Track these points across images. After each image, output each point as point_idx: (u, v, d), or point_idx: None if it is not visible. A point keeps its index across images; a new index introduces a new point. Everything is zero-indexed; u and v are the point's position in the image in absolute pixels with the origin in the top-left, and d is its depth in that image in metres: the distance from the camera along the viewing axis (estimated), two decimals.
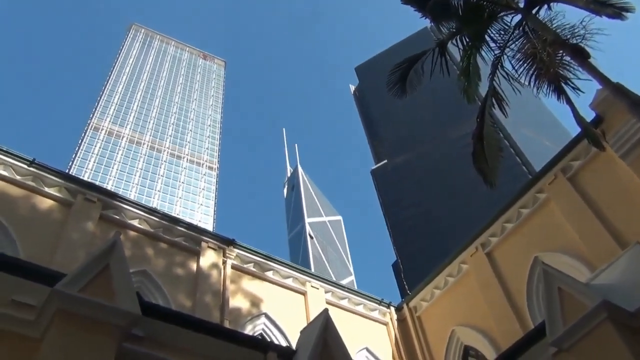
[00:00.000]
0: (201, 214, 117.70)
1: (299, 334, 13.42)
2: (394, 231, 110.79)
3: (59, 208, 13.36)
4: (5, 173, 12.96)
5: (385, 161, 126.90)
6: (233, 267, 15.26)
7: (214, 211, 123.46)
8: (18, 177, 13.08)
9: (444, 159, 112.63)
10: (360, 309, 17.39)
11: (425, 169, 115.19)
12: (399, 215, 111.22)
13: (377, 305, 17.82)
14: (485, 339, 15.14)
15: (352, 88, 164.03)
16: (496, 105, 12.53)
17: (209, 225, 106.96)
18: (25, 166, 13.19)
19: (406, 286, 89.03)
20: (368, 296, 17.90)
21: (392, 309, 18.01)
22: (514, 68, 12.35)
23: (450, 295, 16.89)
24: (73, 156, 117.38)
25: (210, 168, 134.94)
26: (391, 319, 17.74)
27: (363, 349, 16.07)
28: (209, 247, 15.14)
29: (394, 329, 17.54)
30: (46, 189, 13.39)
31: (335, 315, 9.25)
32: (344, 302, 17.16)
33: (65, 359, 5.94)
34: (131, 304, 6.52)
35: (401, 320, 17.82)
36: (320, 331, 8.16)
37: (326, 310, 8.72)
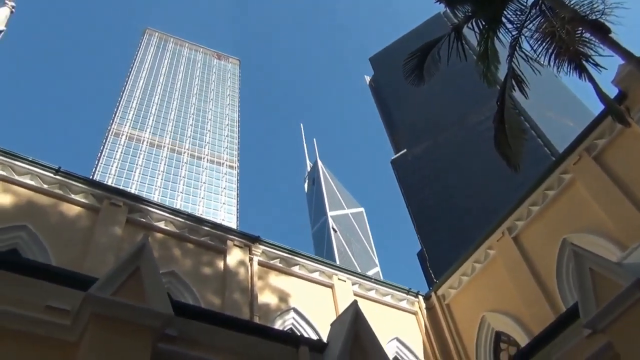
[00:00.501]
0: (224, 213, 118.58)
1: (328, 327, 13.54)
2: (418, 220, 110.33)
3: (87, 214, 13.59)
4: (32, 182, 13.22)
5: (405, 150, 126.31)
6: (259, 263, 15.35)
7: (237, 210, 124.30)
8: (45, 186, 13.33)
9: (464, 145, 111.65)
10: (388, 299, 17.37)
11: (446, 156, 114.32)
12: (421, 203, 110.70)
13: (405, 295, 17.77)
14: (516, 324, 15.01)
15: (368, 79, 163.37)
16: (516, 88, 12.35)
17: (232, 224, 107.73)
18: (52, 175, 13.44)
19: (432, 275, 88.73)
20: (395, 286, 17.87)
21: (420, 298, 17.95)
22: (532, 48, 12.15)
23: (478, 281, 16.77)
24: (96, 162, 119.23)
25: (231, 167, 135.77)
26: (420, 308, 17.68)
27: (393, 339, 16.06)
28: (234, 245, 15.26)
29: (423, 318, 17.48)
30: (73, 196, 13.63)
31: (364, 306, 9.23)
32: (372, 294, 17.15)
33: None
34: (163, 304, 6.60)
35: (430, 309, 17.75)
36: (351, 323, 8.15)
37: (355, 302, 8.71)
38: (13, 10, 33.02)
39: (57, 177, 13.51)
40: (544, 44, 11.75)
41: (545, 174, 15.45)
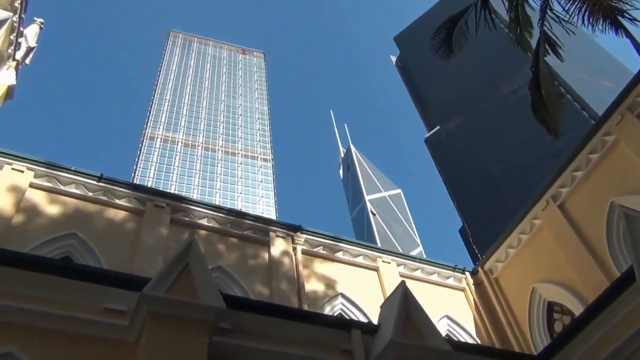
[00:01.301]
0: (263, 205, 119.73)
1: (377, 310, 13.55)
2: (456, 197, 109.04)
3: (132, 217, 13.93)
4: (77, 191, 13.61)
5: (438, 127, 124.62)
6: (303, 252, 15.46)
7: (275, 201, 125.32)
8: (90, 194, 13.71)
9: (497, 117, 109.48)
10: (434, 278, 17.26)
11: (480, 130, 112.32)
12: (459, 179, 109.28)
13: (451, 272, 17.63)
14: (568, 292, 14.72)
15: (394, 59, 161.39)
16: (550, 51, 11.99)
17: (271, 216, 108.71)
18: (95, 182, 13.81)
19: (476, 250, 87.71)
20: (441, 264, 17.74)
21: (467, 274, 17.78)
22: (564, 9, 11.76)
23: (525, 252, 16.48)
24: (134, 167, 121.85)
25: (265, 160, 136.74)
26: (467, 284, 17.52)
27: (443, 317, 15.98)
28: (277, 236, 15.40)
29: (471, 293, 17.32)
30: (117, 201, 13.98)
31: (411, 286, 9.17)
32: (418, 273, 17.08)
33: (162, 358, 6.21)
34: (215, 299, 6.74)
35: (478, 284, 17.57)
36: (401, 303, 8.13)
37: (403, 282, 8.69)
38: (42, 26, 33.88)
39: (101, 184, 13.87)
40: (576, 2, 11.36)
41: (587, 137, 15.00)
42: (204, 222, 14.75)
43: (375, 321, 10.63)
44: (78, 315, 6.61)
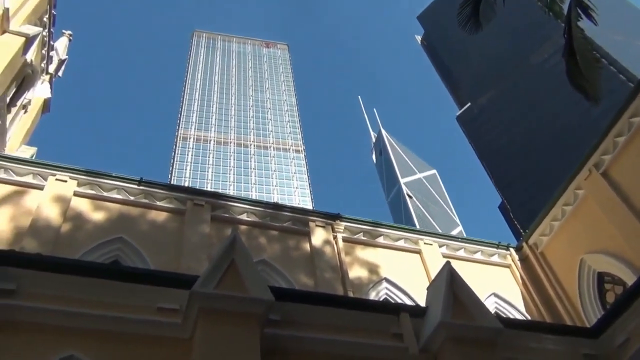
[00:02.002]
0: (299, 196, 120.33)
1: (423, 292, 13.49)
2: (493, 172, 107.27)
3: (173, 217, 14.19)
4: (119, 196, 13.95)
5: (469, 104, 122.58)
6: (344, 240, 15.48)
7: (310, 192, 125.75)
8: (132, 198, 14.03)
9: (530, 88, 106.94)
10: (478, 256, 17.06)
11: (513, 102, 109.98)
12: (494, 155, 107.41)
13: (495, 250, 17.39)
14: (619, 262, 14.35)
15: (419, 38, 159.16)
16: (582, 16, 11.60)
17: (308, 206, 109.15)
18: (135, 186, 14.12)
19: (518, 225, 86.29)
20: (484, 242, 17.52)
21: (512, 250, 17.50)
22: None
23: (571, 224, 16.11)
24: (170, 168, 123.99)
25: (297, 151, 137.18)
26: (513, 260, 17.25)
27: (490, 295, 15.79)
28: (316, 225, 15.46)
29: (517, 269, 17.06)
30: (158, 203, 14.26)
31: (455, 266, 9.09)
32: (461, 253, 16.90)
33: (217, 353, 6.35)
34: (264, 292, 6.84)
35: (523, 260, 17.28)
36: (447, 284, 8.09)
37: (448, 262, 8.63)
38: (71, 38, 34.67)
39: (141, 187, 14.17)
40: None
41: (627, 100, 14.51)
42: (243, 217, 14.92)
43: (421, 304, 10.60)
44: (133, 316, 6.80)
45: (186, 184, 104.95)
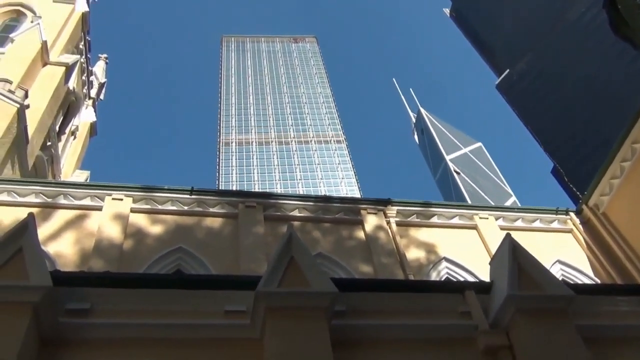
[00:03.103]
0: (345, 187, 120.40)
1: (484, 268, 13.29)
2: (542, 137, 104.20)
3: (227, 222, 14.47)
4: (174, 207, 14.32)
5: (508, 71, 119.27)
6: (397, 224, 15.41)
7: (356, 180, 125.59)
8: (185, 207, 14.39)
9: (570, 45, 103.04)
10: (537, 224, 16.64)
11: (553, 63, 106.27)
12: (541, 119, 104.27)
13: (553, 216, 16.92)
14: None
15: (447, 11, 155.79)
16: None
17: (356, 195, 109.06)
18: (188, 195, 14.47)
19: (574, 188, 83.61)
20: (541, 209, 17.08)
21: (572, 214, 16.98)
22: None
23: (632, 180, 15.46)
24: (217, 174, 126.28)
25: (338, 142, 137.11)
26: (574, 225, 16.74)
27: (555, 262, 15.41)
28: (368, 213, 15.45)
29: (580, 233, 16.55)
30: (211, 209, 14.58)
31: (515, 237, 8.89)
32: (519, 223, 16.53)
33: (289, 349, 6.42)
34: (327, 284, 6.87)
35: (585, 223, 16.74)
36: (510, 256, 7.91)
37: (508, 234, 8.43)
38: (107, 61, 35.73)
39: (193, 196, 14.51)
40: None
41: None
42: (295, 213, 15.06)
43: (484, 279, 10.45)
44: (203, 321, 6.96)
45: (234, 188, 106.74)
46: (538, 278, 7.79)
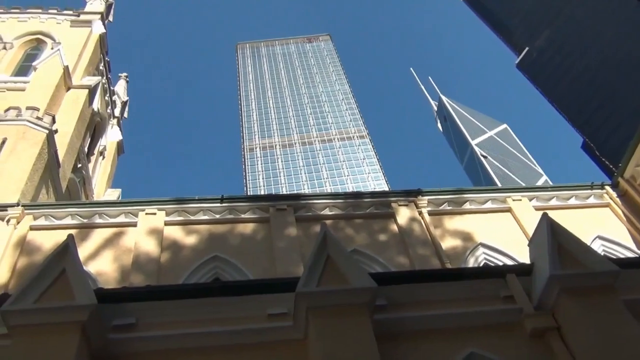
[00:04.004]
0: (372, 181, 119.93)
1: (522, 250, 13.09)
2: (568, 113, 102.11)
3: (260, 226, 14.56)
4: (206, 217, 14.48)
5: (527, 49, 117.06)
6: (430, 213, 15.28)
7: (383, 174, 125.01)
8: (217, 216, 14.53)
9: (590, 15, 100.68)
10: (573, 201, 16.30)
11: (572, 36, 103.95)
12: (566, 95, 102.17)
13: (589, 191, 16.55)
14: None
15: None
16: None
17: (384, 188, 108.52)
18: (218, 204, 14.62)
19: (606, 162, 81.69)
20: (575, 186, 16.72)
21: (608, 188, 16.57)
22: None
23: None
24: (244, 180, 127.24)
25: (361, 137, 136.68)
26: (611, 198, 16.33)
27: (595, 238, 15.06)
28: (399, 205, 15.36)
29: (618, 206, 16.13)
30: (242, 216, 14.69)
31: (552, 216, 8.73)
32: (554, 202, 16.22)
33: (334, 347, 6.43)
34: (365, 280, 6.87)
35: (623, 195, 16.31)
36: (549, 236, 7.78)
37: (545, 214, 8.29)
38: (127, 79, 36.34)
39: (224, 204, 14.65)
40: None
41: None
42: (326, 212, 15.06)
43: (523, 262, 10.30)
44: (246, 327, 7.02)
45: (262, 193, 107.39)
46: (580, 255, 7.64)
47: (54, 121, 18.74)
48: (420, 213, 15.19)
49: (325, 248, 7.33)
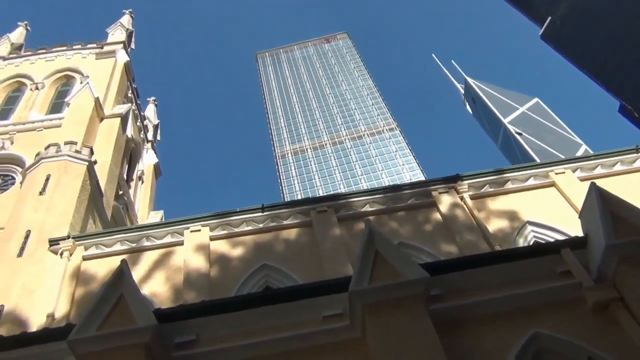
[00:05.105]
0: (408, 172, 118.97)
1: (572, 223, 12.77)
2: (601, 77, 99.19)
3: (303, 230, 14.64)
4: (249, 227, 14.66)
5: (549, 18, 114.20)
6: (472, 197, 15.07)
7: (417, 164, 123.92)
8: (260, 225, 14.68)
9: None
10: (619, 167, 15.79)
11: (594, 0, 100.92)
12: (595, 60, 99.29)
13: (635, 155, 16.00)
14: None
15: None
16: None
17: (420, 178, 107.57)
18: (260, 213, 14.76)
19: None
20: (619, 151, 16.19)
21: None
22: None
23: None
24: (280, 187, 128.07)
25: (391, 130, 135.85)
26: None
27: None
28: (439, 193, 15.21)
29: None
30: (285, 222, 14.80)
31: (599, 185, 8.47)
32: (599, 170, 15.75)
33: (394, 342, 6.40)
34: (417, 271, 6.82)
35: None
36: (600, 206, 7.56)
37: (593, 183, 8.07)
38: (156, 103, 37.08)
39: (265, 213, 14.78)
40: None
41: None
42: (367, 208, 15.03)
43: (575, 236, 10.02)
44: (303, 331, 7.06)
45: (299, 197, 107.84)
46: (636, 221, 7.40)
47: (92, 152, 19.25)
48: (462, 198, 15.00)
49: (373, 244, 7.31)
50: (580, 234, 8.13)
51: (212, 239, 14.41)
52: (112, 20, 31.48)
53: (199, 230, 14.49)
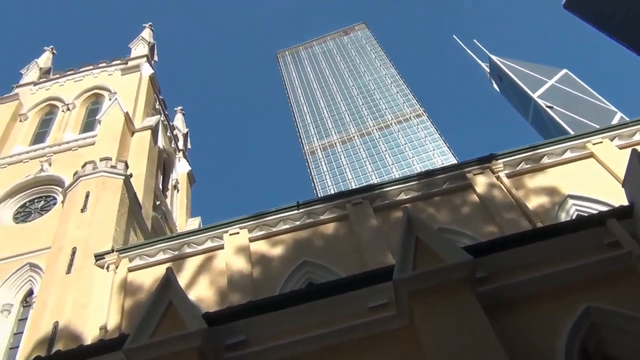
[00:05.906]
0: (439, 157, 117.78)
1: (615, 193, 12.44)
2: (631, 41, 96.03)
3: (341, 224, 14.66)
4: (286, 226, 14.77)
5: None
6: (508, 176, 14.83)
7: (448, 148, 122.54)
8: (297, 223, 14.77)
9: None
10: None
11: None
12: (624, 24, 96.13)
13: None
14: None
15: None
16: None
17: (453, 162, 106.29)
18: (296, 211, 14.84)
19: None
20: None
21: None
22: None
23: None
24: (312, 184, 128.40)
25: (418, 116, 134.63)
26: None
27: None
28: (474, 174, 15.01)
29: None
30: (321, 217, 14.85)
31: None
32: (637, 137, 15.28)
33: (444, 326, 6.36)
34: (460, 255, 6.76)
35: None
36: None
37: (634, 150, 7.84)
38: (183, 112, 37.59)
39: (301, 210, 14.85)
40: None
41: None
42: (402, 197, 14.95)
43: (619, 205, 9.75)
44: (350, 324, 7.07)
45: (332, 191, 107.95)
46: None
47: (127, 166, 19.66)
48: (498, 178, 14.78)
49: (413, 231, 7.26)
50: (625, 203, 7.92)
51: (251, 240, 14.56)
52: (133, 35, 32.08)
53: (238, 233, 14.66)
